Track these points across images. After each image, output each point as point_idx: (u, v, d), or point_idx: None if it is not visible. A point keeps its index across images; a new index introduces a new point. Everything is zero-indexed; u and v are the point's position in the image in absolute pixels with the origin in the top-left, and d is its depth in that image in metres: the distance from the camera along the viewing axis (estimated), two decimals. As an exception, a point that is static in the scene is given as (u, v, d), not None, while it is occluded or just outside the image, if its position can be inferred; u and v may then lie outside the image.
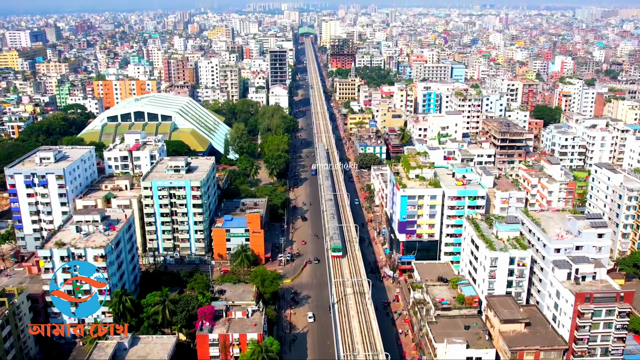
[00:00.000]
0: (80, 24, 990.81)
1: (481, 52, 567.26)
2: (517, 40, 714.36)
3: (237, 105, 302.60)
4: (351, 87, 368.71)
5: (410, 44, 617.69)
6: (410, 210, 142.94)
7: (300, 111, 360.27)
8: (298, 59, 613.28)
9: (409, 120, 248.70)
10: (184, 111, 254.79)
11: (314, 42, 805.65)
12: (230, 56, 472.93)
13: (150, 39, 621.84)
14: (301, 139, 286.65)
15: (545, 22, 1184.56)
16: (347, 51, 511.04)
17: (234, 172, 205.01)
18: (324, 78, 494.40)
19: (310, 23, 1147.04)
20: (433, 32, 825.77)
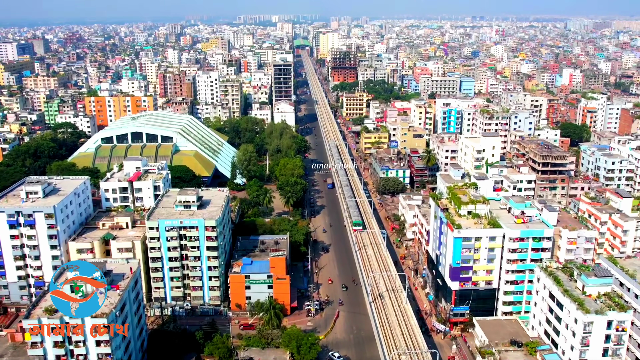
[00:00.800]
0: (69, 36, 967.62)
1: (486, 64, 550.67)
2: (520, 52, 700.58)
3: (241, 123, 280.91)
4: (359, 102, 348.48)
5: (411, 56, 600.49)
6: (465, 254, 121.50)
7: (306, 127, 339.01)
8: (296, 71, 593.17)
9: (433, 141, 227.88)
10: (185, 131, 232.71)
11: (310, 55, 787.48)
12: (228, 70, 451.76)
13: (142, 52, 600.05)
14: (311, 159, 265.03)
15: (540, 33, 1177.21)
16: (349, 64, 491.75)
17: (246, 201, 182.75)
18: (326, 92, 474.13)
19: (304, 35, 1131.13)
20: (431, 44, 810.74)
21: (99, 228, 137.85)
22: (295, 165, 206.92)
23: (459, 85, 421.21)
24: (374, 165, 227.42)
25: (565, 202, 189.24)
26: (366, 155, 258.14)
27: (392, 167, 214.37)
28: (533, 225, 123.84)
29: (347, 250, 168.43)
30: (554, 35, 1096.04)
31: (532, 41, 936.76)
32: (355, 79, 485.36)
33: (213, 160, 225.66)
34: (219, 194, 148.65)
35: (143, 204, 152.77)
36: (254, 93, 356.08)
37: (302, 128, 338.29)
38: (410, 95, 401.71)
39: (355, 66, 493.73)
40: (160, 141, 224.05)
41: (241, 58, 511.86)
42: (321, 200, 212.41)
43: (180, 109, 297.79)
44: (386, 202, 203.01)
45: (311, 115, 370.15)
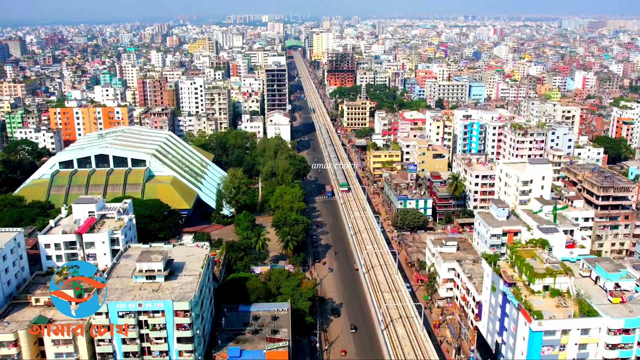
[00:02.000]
0: (51, 37, 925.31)
1: (491, 67, 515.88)
2: (523, 53, 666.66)
3: (229, 137, 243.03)
4: (361, 111, 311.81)
5: (411, 58, 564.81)
6: (546, 352, 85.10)
7: (302, 140, 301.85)
8: (289, 74, 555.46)
9: (457, 163, 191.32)
10: (162, 152, 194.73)
11: (302, 56, 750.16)
12: (216, 74, 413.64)
13: (125, 54, 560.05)
14: (311, 180, 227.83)
15: (536, 32, 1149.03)
16: (347, 67, 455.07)
17: (234, 246, 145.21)
18: (323, 97, 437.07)
19: (296, 35, 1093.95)
20: (429, 45, 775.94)
21: (31, 305, 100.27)
22: (295, 196, 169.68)
23: (468, 90, 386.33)
24: (388, 192, 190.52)
25: (629, 243, 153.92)
26: (375, 176, 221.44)
27: (411, 197, 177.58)
28: (637, 306, 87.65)
29: (364, 313, 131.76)
30: (552, 35, 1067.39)
31: (531, 41, 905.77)
32: (354, 83, 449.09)
33: (195, 187, 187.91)
34: (196, 251, 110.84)
35: (97, 263, 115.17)
36: (244, 101, 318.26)
37: (299, 140, 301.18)
38: (416, 102, 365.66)
39: (354, 69, 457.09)
40: (130, 165, 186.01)
41: (230, 61, 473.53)
42: (325, 237, 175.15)
43: (158, 121, 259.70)
44: (406, 241, 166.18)
45: (308, 125, 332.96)
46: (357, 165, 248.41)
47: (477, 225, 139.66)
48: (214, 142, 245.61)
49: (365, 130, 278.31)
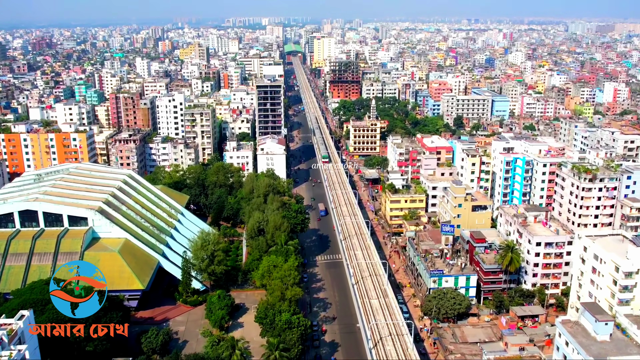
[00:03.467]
0: (39, 41, 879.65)
1: (510, 76, 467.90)
2: (539, 59, 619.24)
3: (209, 173, 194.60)
4: (371, 133, 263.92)
5: (420, 65, 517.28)
6: None
7: (301, 170, 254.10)
8: (287, 83, 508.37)
9: (507, 220, 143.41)
10: (114, 203, 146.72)
11: (303, 62, 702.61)
12: (204, 85, 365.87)
13: (108, 61, 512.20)
14: (311, 229, 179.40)
15: (544, 36, 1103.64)
16: (351, 77, 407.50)
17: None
18: (324, 111, 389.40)
19: (295, 39, 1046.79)
20: (437, 50, 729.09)
21: None
22: (288, 274, 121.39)
23: (490, 106, 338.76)
24: (414, 259, 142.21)
25: None
26: (392, 227, 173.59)
27: (449, 271, 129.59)
28: None
29: None
30: (562, 39, 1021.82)
31: (542, 46, 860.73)
32: (359, 94, 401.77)
33: (156, 253, 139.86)
34: None
35: None
36: (232, 120, 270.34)
37: (296, 169, 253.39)
38: (432, 120, 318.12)
39: (359, 80, 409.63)
40: (67, 224, 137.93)
41: (221, 69, 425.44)
42: (331, 331, 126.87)
43: (125, 150, 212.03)
44: (444, 342, 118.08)
45: (307, 149, 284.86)
46: (369, 208, 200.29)
47: (561, 342, 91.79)
48: (191, 178, 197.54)
49: (377, 161, 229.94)
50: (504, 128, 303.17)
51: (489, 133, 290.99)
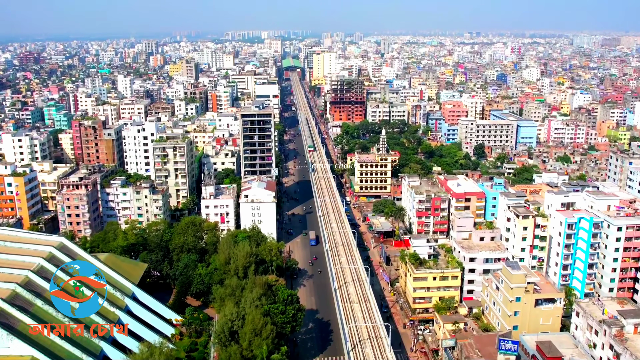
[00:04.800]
0: (26, 55, 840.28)
1: (529, 95, 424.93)
2: (553, 74, 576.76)
3: (175, 235, 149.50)
4: (380, 170, 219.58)
5: (429, 83, 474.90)
6: None
7: (294, 216, 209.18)
8: (284, 103, 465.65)
9: (586, 320, 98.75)
10: (21, 298, 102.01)
11: (301, 78, 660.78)
12: (188, 108, 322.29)
13: (89, 78, 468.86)
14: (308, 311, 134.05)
15: (551, 50, 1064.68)
16: (354, 97, 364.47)
17: None
18: (324, 135, 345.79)
19: (294, 53, 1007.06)
20: (444, 65, 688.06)
21: None
22: None
23: (515, 132, 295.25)
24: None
25: None
26: (415, 311, 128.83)
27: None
28: None
29: None
30: (571, 53, 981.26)
31: (552, 60, 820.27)
32: (364, 117, 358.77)
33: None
34: None
35: None
36: (215, 153, 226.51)
37: (290, 215, 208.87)
38: (449, 149, 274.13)
39: (363, 100, 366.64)
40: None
41: (210, 88, 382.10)
42: None
43: (73, 198, 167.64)
44: None
45: (305, 185, 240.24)
46: (381, 276, 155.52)
47: None
48: (153, 238, 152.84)
49: (390, 210, 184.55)
50: (535, 160, 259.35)
51: (519, 167, 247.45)
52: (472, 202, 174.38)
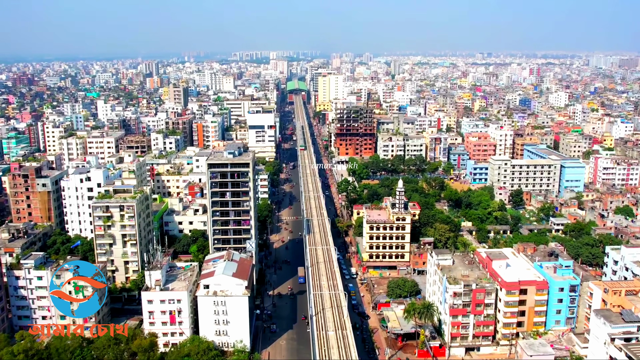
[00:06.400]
0: (19, 76, 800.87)
1: (563, 124, 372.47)
2: (582, 99, 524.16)
3: (94, 349, 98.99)
4: (396, 233, 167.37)
5: (447, 109, 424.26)
6: None
7: (281, 298, 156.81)
8: (284, 129, 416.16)
9: None
10: None
11: (306, 102, 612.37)
12: (166, 142, 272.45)
13: (69, 103, 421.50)
14: None
15: (569, 71, 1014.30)
16: (363, 128, 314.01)
17: None
18: (327, 175, 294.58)
19: (301, 74, 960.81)
20: (460, 88, 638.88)
21: None
22: None
23: (558, 174, 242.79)
24: None
25: None
26: None
27: None
28: None
29: None
30: (591, 75, 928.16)
31: (574, 82, 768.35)
32: (374, 151, 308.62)
33: None
34: None
35: None
36: (182, 207, 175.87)
37: (275, 298, 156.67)
38: (480, 196, 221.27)
39: (373, 132, 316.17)
40: None
41: (197, 117, 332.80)
42: None
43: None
44: None
45: (298, 248, 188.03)
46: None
47: None
48: (63, 356, 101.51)
49: (412, 307, 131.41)
50: (590, 213, 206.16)
51: (571, 223, 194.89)
52: (530, 294, 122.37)
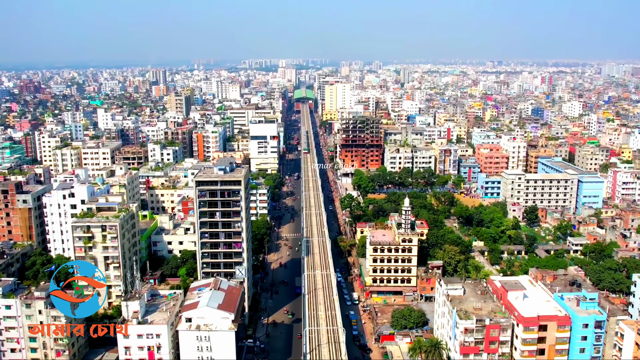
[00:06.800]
0: (26, 84, 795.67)
1: (578, 135, 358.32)
2: (596, 108, 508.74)
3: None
4: (402, 255, 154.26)
5: (457, 118, 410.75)
6: None
7: (277, 328, 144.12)
8: (289, 139, 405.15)
9: None
10: None
11: (313, 110, 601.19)
12: (164, 153, 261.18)
13: (69, 112, 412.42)
14: None
15: (580, 79, 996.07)
16: (370, 139, 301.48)
17: None
18: (331, 186, 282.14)
19: (309, 82, 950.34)
20: (470, 97, 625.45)
21: None
22: None
23: (576, 188, 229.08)
24: None
25: None
26: None
27: None
28: None
29: None
30: (604, 83, 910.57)
31: (587, 91, 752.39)
32: (381, 163, 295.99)
33: None
34: None
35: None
36: (172, 226, 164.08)
37: (269, 327, 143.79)
38: (492, 213, 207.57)
39: (380, 143, 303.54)
40: None
41: (199, 126, 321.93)
42: None
43: None
44: None
45: (296, 268, 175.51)
46: None
47: None
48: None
49: (419, 344, 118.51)
50: (612, 233, 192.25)
51: (590, 244, 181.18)
52: (551, 331, 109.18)
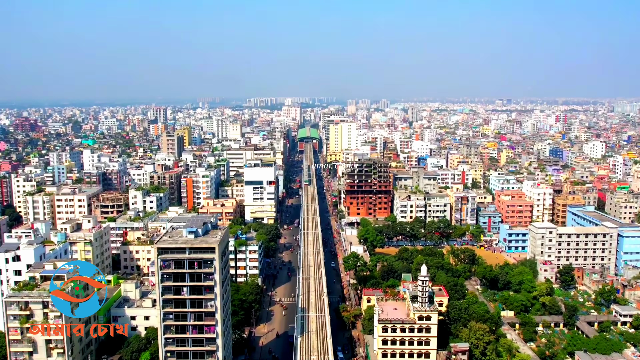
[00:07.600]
0: (22, 122, 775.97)
1: (606, 180, 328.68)
2: (619, 149, 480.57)
3: None
4: (420, 334, 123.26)
5: (471, 160, 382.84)
6: None
7: None
8: (291, 182, 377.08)
9: None
10: None
11: (318, 150, 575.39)
12: (147, 200, 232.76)
13: (55, 153, 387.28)
14: None
15: (594, 117, 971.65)
16: (378, 184, 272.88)
17: None
18: (335, 238, 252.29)
19: (315, 121, 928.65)
20: (483, 137, 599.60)
21: None
22: None
23: (615, 245, 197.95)
24: None
25: None
26: None
27: None
28: None
29: None
30: (619, 122, 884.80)
31: (604, 130, 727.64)
32: (390, 212, 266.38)
33: None
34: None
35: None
36: (139, 296, 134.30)
37: None
38: (520, 275, 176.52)
39: (388, 189, 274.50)
40: None
41: (190, 171, 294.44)
42: None
43: None
44: None
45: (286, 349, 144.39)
46: None
47: None
48: None
49: None
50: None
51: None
52: None
